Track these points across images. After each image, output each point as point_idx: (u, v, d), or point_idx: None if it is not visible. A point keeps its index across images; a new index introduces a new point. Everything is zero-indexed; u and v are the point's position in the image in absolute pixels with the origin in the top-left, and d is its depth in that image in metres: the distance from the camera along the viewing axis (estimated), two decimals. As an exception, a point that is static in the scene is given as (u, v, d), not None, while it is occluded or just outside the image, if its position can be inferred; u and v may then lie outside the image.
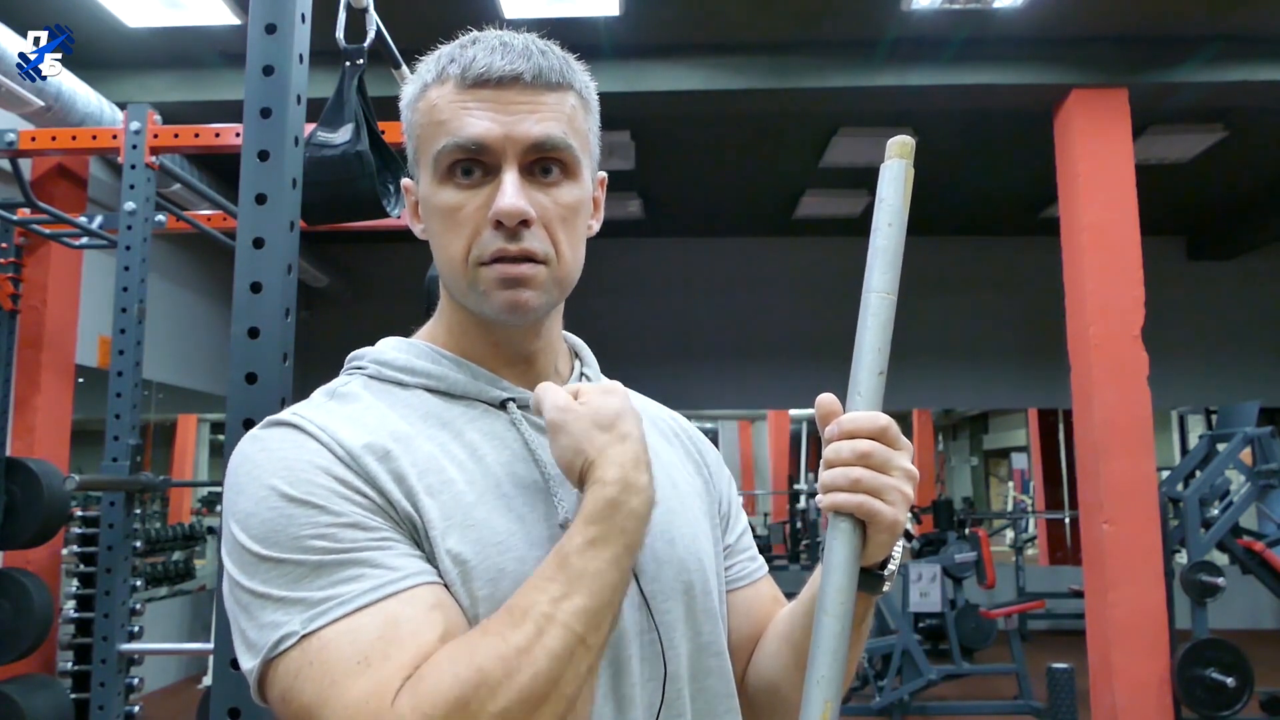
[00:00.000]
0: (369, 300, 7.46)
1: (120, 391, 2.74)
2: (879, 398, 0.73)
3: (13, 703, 3.04)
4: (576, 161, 0.73)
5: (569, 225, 0.73)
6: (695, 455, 0.89)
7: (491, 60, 0.70)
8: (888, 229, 0.76)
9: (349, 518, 0.63)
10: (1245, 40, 4.26)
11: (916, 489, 0.71)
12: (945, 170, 6.12)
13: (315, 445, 0.66)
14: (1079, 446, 4.44)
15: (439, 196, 0.72)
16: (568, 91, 0.73)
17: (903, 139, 0.78)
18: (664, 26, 4.16)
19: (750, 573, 0.89)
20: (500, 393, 0.75)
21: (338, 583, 0.61)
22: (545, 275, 0.72)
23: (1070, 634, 6.61)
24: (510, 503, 0.69)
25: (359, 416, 0.70)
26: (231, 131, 2.81)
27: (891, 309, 0.75)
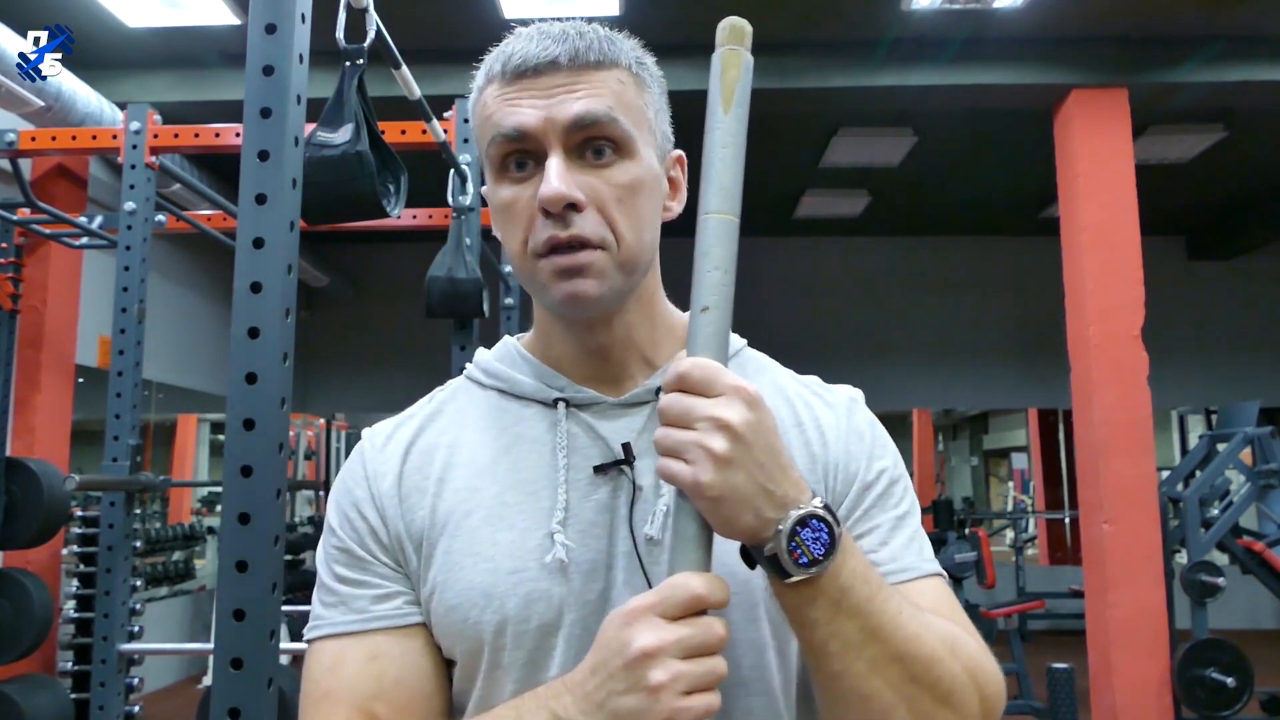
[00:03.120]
0: (369, 300, 7.46)
1: (120, 391, 2.74)
2: (708, 337, 0.63)
3: (13, 703, 3.04)
4: (628, 137, 0.70)
5: (627, 205, 0.69)
6: (813, 449, 0.76)
7: (528, 49, 0.70)
8: (714, 134, 0.66)
9: (355, 554, 0.72)
10: (1245, 40, 4.26)
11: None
12: (945, 170, 6.12)
13: (360, 470, 0.75)
14: (1079, 446, 4.44)
15: (497, 194, 0.72)
16: (612, 68, 0.70)
17: (732, 20, 0.68)
18: (664, 26, 4.16)
19: None
20: (554, 392, 0.74)
21: (326, 605, 0.72)
22: (605, 261, 0.69)
23: (1070, 634, 6.61)
24: (506, 513, 0.70)
25: (417, 429, 0.77)
26: (231, 131, 2.81)
27: (725, 232, 0.64)
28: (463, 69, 3.35)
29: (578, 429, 0.73)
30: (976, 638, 0.70)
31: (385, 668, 0.69)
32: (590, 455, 0.72)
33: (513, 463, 0.72)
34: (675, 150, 0.78)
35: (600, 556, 0.70)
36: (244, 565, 0.98)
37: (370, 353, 7.38)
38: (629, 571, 0.69)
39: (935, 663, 0.63)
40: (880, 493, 0.75)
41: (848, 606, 0.61)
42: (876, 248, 7.51)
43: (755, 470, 0.59)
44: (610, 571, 0.70)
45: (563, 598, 0.68)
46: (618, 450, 0.72)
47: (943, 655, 0.64)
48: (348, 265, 7.24)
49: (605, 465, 0.71)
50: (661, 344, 0.77)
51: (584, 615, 0.68)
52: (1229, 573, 4.44)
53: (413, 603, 0.71)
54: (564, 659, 0.68)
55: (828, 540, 0.59)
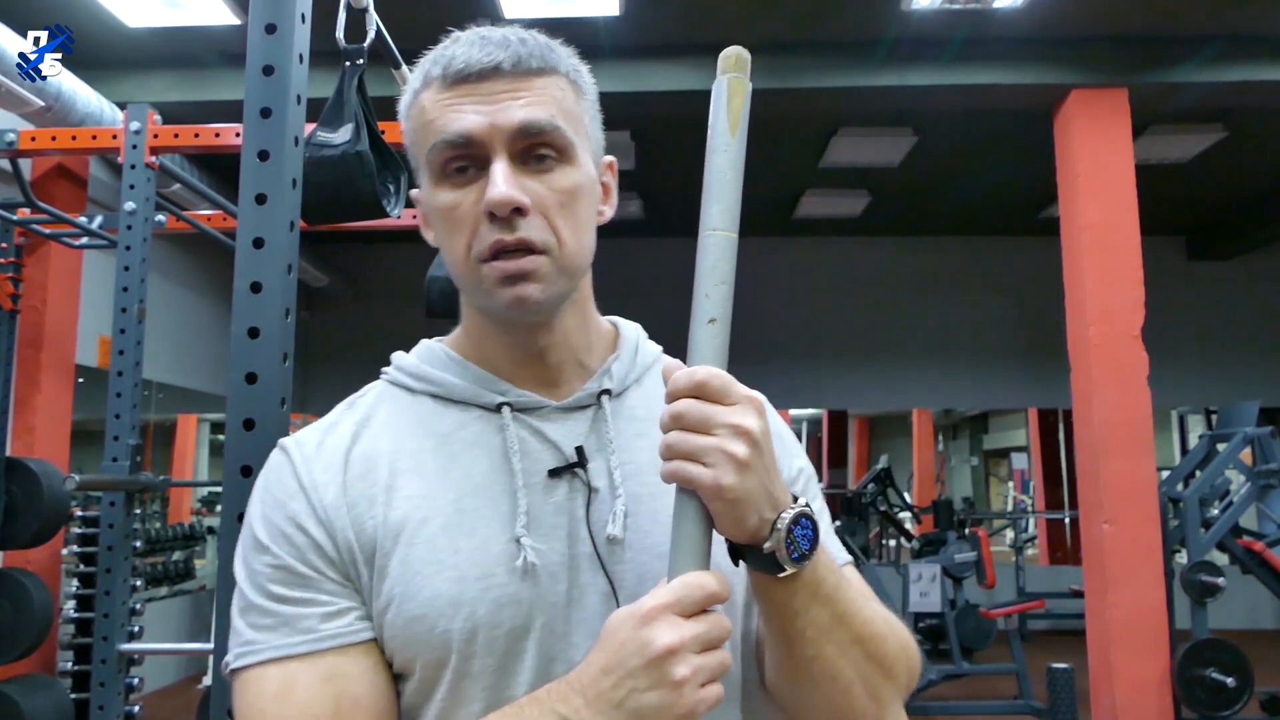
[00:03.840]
0: (369, 300, 7.46)
1: (120, 391, 2.74)
2: (715, 349, 0.66)
3: (13, 703, 3.04)
4: (570, 144, 0.71)
5: (569, 211, 0.71)
6: None
7: (470, 54, 0.70)
8: (719, 155, 0.68)
9: (297, 571, 0.68)
10: (1245, 40, 4.26)
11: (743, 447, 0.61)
12: (945, 170, 6.12)
13: (292, 483, 0.70)
14: (1079, 446, 4.44)
15: (437, 198, 0.72)
16: (553, 75, 0.72)
17: (735, 50, 0.70)
18: (664, 26, 4.16)
19: None
20: (496, 396, 0.74)
21: (261, 629, 0.67)
22: (548, 266, 0.70)
23: (1070, 634, 6.62)
24: (465, 519, 0.69)
25: (350, 436, 0.74)
26: (231, 131, 2.81)
27: (728, 248, 0.67)
28: (463, 69, 3.27)
29: (526, 433, 0.73)
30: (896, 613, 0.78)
31: (343, 688, 0.66)
32: (542, 459, 0.72)
33: (464, 469, 0.72)
34: (607, 156, 0.79)
35: (562, 559, 0.70)
36: (244, 565, 0.98)
37: (370, 353, 7.28)
38: (591, 572, 0.70)
39: (883, 640, 0.71)
40: (802, 489, 0.80)
41: (822, 595, 0.66)
42: (876, 248, 7.51)
43: (763, 474, 0.62)
44: (572, 573, 0.70)
45: (532, 601, 0.68)
46: (569, 453, 0.73)
47: (886, 633, 0.72)
48: (348, 265, 7.24)
49: (560, 469, 0.72)
50: (595, 348, 0.79)
51: (551, 618, 0.69)
52: (1229, 573, 4.44)
53: (364, 618, 0.68)
54: (534, 662, 0.68)
55: (812, 536, 0.64)
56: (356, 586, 0.69)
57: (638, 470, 0.74)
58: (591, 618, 0.69)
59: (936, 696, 5.16)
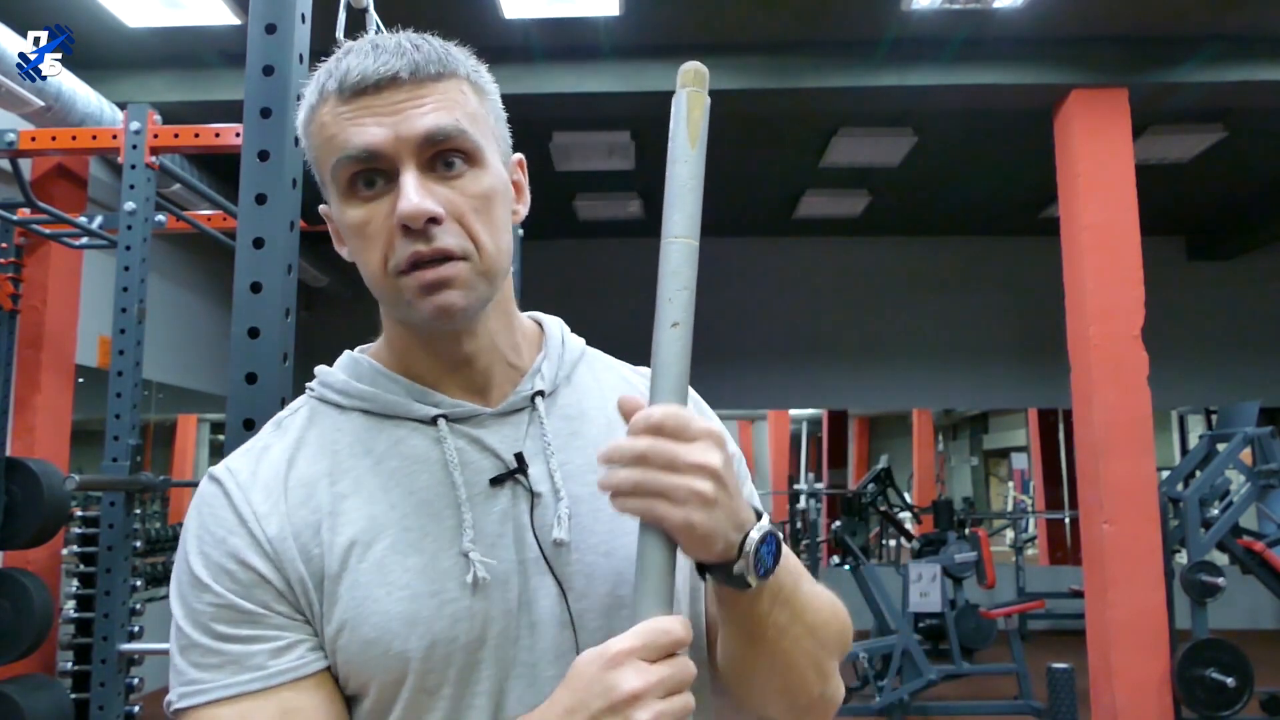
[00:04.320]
0: (369, 300, 7.34)
1: (120, 391, 2.74)
2: (677, 352, 0.68)
3: (13, 703, 3.04)
4: (478, 148, 0.70)
5: (484, 215, 0.70)
6: None
7: (365, 65, 0.68)
8: (680, 165, 0.70)
9: (242, 609, 0.66)
10: (1245, 40, 4.26)
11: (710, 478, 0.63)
12: (945, 170, 6.12)
13: (230, 516, 0.68)
14: (1079, 446, 4.44)
15: (347, 215, 0.70)
16: (452, 79, 0.71)
17: (694, 65, 0.72)
18: (664, 26, 4.16)
19: None
20: (430, 409, 0.73)
21: (206, 668, 0.65)
22: (468, 271, 0.69)
23: (1070, 634, 6.62)
24: (411, 537, 0.69)
25: (285, 461, 0.72)
26: (231, 131, 2.81)
27: (689, 255, 0.70)
28: (463, 69, 3.27)
29: (463, 443, 0.72)
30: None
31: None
32: (482, 468, 0.72)
33: (406, 486, 0.71)
34: (516, 154, 0.79)
35: (510, 566, 0.70)
36: (244, 565, 0.98)
37: (370, 353, 7.38)
38: (539, 575, 0.71)
39: (827, 624, 0.76)
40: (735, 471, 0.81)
41: (782, 598, 0.70)
42: (876, 248, 7.51)
43: (728, 504, 0.64)
44: (522, 578, 0.71)
45: (485, 612, 0.68)
46: (508, 460, 0.73)
47: (830, 616, 0.77)
48: (348, 265, 7.17)
49: (501, 476, 0.72)
50: (521, 348, 0.79)
51: (506, 625, 0.69)
52: (1229, 573, 4.44)
53: (314, 649, 0.67)
54: (491, 670, 0.69)
55: (775, 550, 0.67)
56: (308, 617, 0.68)
57: (576, 470, 0.74)
58: (543, 620, 0.70)
59: (936, 696, 5.16)
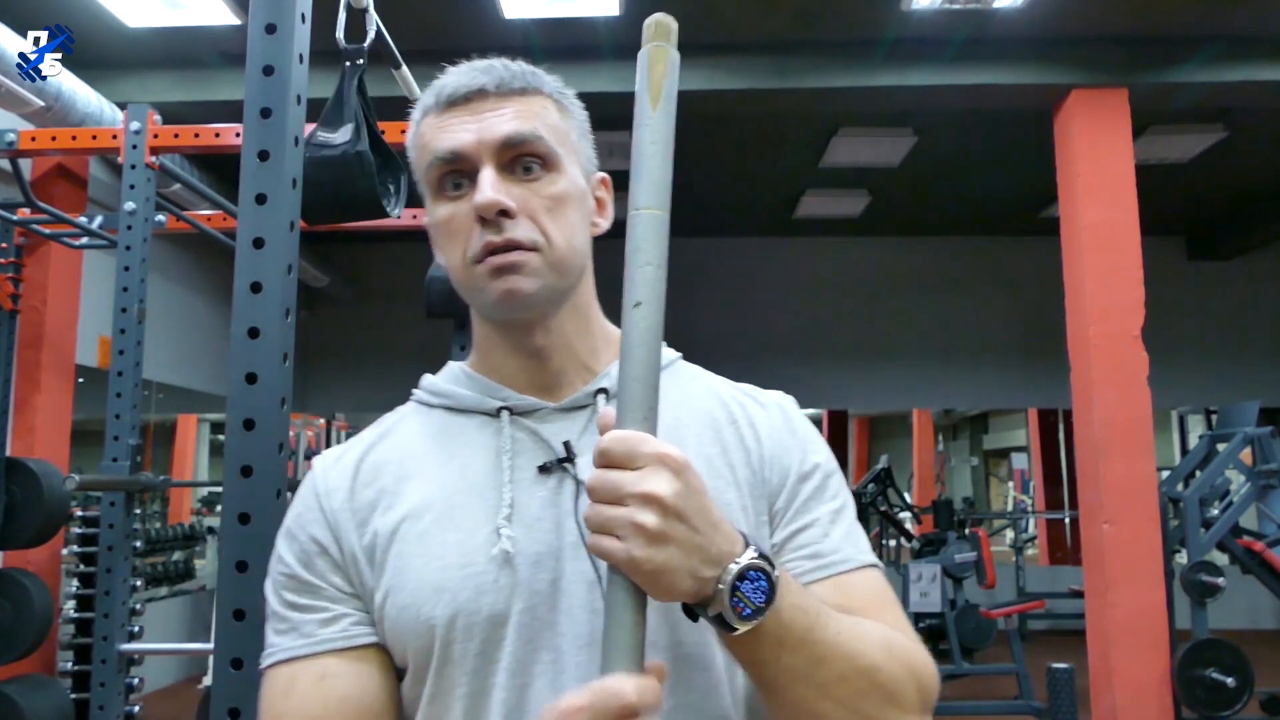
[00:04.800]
0: (369, 300, 7.46)
1: (120, 391, 2.74)
2: (641, 333, 0.63)
3: (13, 703, 3.04)
4: (554, 154, 0.75)
5: (556, 214, 0.75)
6: (747, 443, 0.79)
7: (459, 80, 0.76)
8: (641, 130, 0.67)
9: (303, 579, 0.74)
10: (1245, 40, 4.26)
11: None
12: (945, 170, 6.12)
13: (310, 495, 0.77)
14: (1079, 446, 4.44)
15: (436, 213, 0.77)
16: (536, 95, 0.77)
17: (658, 17, 0.70)
18: (664, 26, 4.16)
19: (799, 574, 0.74)
20: (496, 402, 0.78)
21: (277, 633, 0.74)
22: (537, 261, 0.73)
23: (1070, 634, 6.62)
24: (454, 514, 0.73)
25: (367, 448, 0.79)
26: (231, 131, 2.81)
27: (655, 226, 0.64)
28: (463, 69, 3.24)
29: (521, 434, 0.77)
30: (908, 630, 0.74)
31: (333, 686, 0.71)
32: (534, 457, 0.76)
33: (459, 469, 0.75)
34: (600, 173, 0.83)
35: (547, 548, 0.72)
36: (244, 565, 0.98)
37: (370, 353, 7.38)
38: (576, 560, 0.72)
39: (877, 670, 0.67)
40: (817, 485, 0.79)
41: (791, 641, 0.63)
42: (876, 248, 7.51)
43: (688, 537, 0.59)
44: (558, 562, 0.72)
45: (511, 587, 0.70)
46: (559, 450, 0.75)
47: (882, 661, 0.68)
48: (348, 265, 7.24)
49: (548, 464, 0.75)
50: (600, 352, 0.81)
51: (533, 604, 0.71)
52: (1229, 573, 4.43)
53: (360, 623, 0.73)
54: (513, 647, 0.70)
55: (766, 588, 0.61)
56: (356, 590, 0.73)
57: None
58: (577, 604, 0.71)
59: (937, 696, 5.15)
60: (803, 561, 0.75)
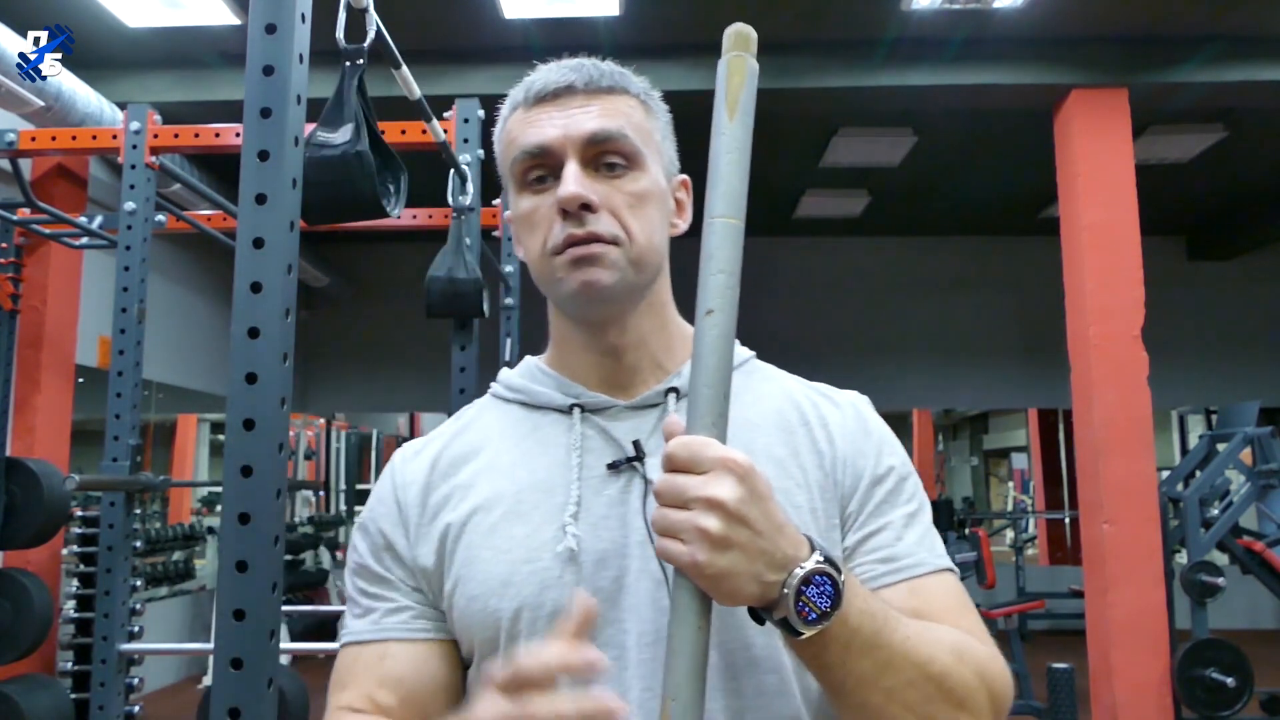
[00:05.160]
0: (369, 300, 7.46)
1: (120, 391, 2.74)
2: (713, 340, 0.63)
3: (13, 703, 3.04)
4: (638, 153, 0.77)
5: (637, 210, 0.76)
6: (820, 445, 0.79)
7: (548, 77, 0.77)
8: (717, 139, 0.67)
9: (373, 571, 0.79)
10: (1245, 40, 4.26)
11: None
12: (945, 170, 6.12)
13: (388, 489, 0.81)
14: (1079, 446, 4.44)
15: (519, 205, 0.78)
16: (623, 94, 0.78)
17: (737, 27, 0.70)
18: (664, 26, 4.16)
19: (872, 578, 0.74)
20: (568, 399, 0.79)
21: (353, 616, 0.79)
22: (617, 254, 0.74)
23: (1070, 634, 6.61)
24: (523, 509, 0.75)
25: (445, 442, 0.83)
26: (231, 131, 2.81)
27: (729, 235, 0.65)
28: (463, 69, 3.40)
29: (591, 431, 0.78)
30: (983, 634, 0.73)
31: (390, 665, 0.76)
32: (604, 455, 0.77)
33: (530, 465, 0.77)
34: (681, 175, 0.84)
35: (612, 546, 0.73)
36: (244, 565, 0.98)
37: (370, 353, 7.38)
38: (643, 560, 0.73)
39: (946, 676, 0.66)
40: (891, 488, 0.78)
41: (858, 646, 0.63)
42: (876, 248, 7.51)
43: (751, 541, 0.59)
44: (624, 560, 0.73)
45: (575, 584, 0.72)
46: (628, 449, 0.76)
47: (952, 666, 0.67)
48: (348, 265, 7.24)
49: (617, 463, 0.76)
50: (674, 351, 0.82)
51: (596, 602, 0.69)
52: (1229, 573, 4.43)
53: (420, 617, 0.77)
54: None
55: (832, 592, 0.61)
56: (421, 584, 0.77)
57: None
58: (643, 602, 0.72)
59: (936, 696, 5.15)
60: (876, 565, 0.75)
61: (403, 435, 10.18)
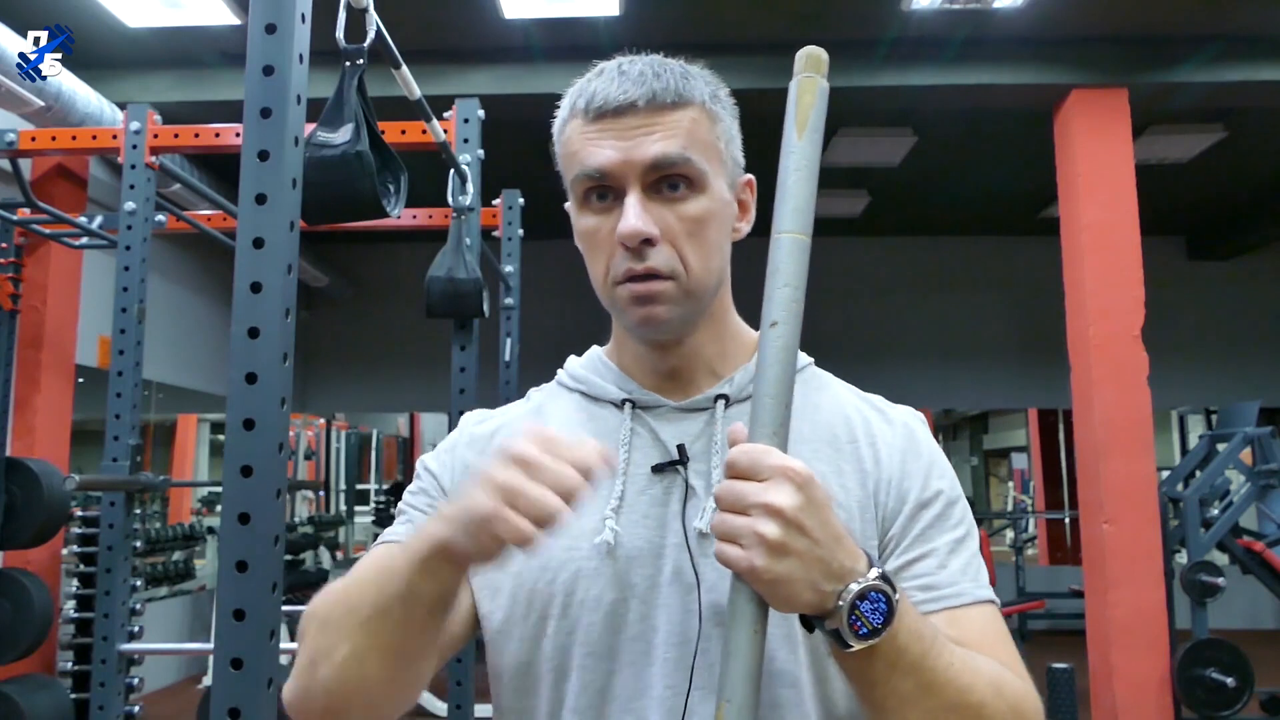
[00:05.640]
0: (369, 300, 7.46)
1: (120, 391, 2.74)
2: (776, 351, 0.66)
3: (13, 703, 3.04)
4: (701, 174, 0.76)
5: (696, 238, 0.76)
6: (865, 465, 0.79)
7: (609, 91, 0.75)
8: (787, 157, 0.70)
9: (427, 491, 0.85)
10: (1245, 40, 4.26)
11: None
12: (945, 170, 6.12)
13: (453, 449, 0.86)
14: (1079, 446, 4.43)
15: (581, 223, 0.79)
16: (686, 107, 0.76)
17: (810, 50, 0.72)
18: (664, 26, 4.16)
19: (912, 605, 0.71)
20: (622, 394, 0.82)
21: (398, 524, 0.84)
22: (674, 290, 0.76)
23: (1070, 634, 6.61)
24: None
25: (507, 421, 0.87)
26: (231, 131, 2.81)
27: (795, 250, 0.68)
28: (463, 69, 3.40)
29: (641, 429, 0.80)
30: (1019, 668, 0.72)
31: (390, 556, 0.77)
32: (650, 454, 0.79)
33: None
34: (746, 175, 0.85)
35: (649, 546, 0.75)
36: (244, 565, 0.98)
37: (370, 353, 7.38)
38: (678, 562, 0.75)
39: (982, 707, 0.66)
40: (938, 514, 0.77)
41: (904, 665, 0.63)
42: (876, 248, 7.50)
43: (809, 549, 0.60)
44: (659, 560, 0.75)
45: (610, 578, 0.75)
46: (674, 452, 0.78)
47: (990, 699, 0.67)
48: (348, 265, 7.24)
49: (662, 465, 0.78)
50: (730, 357, 0.84)
51: (625, 597, 0.74)
52: (1229, 573, 4.43)
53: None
54: (601, 633, 0.74)
55: (885, 610, 0.61)
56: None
57: None
58: (673, 605, 0.74)
59: (936, 696, 5.15)
60: (916, 592, 0.74)
61: (402, 435, 10.19)
